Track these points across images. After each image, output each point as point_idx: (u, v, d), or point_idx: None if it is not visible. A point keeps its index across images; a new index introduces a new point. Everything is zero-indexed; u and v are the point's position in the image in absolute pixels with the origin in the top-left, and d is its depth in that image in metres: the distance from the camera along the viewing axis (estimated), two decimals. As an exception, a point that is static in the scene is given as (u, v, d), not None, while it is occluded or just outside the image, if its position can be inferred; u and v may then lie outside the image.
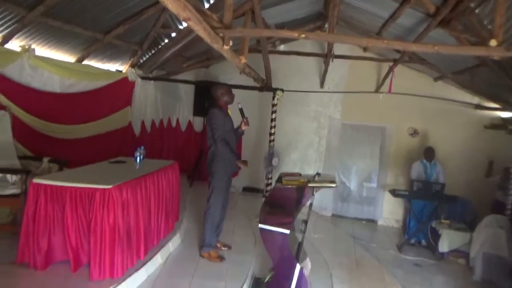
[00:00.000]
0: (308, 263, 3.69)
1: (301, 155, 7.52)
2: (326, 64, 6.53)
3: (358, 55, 6.85)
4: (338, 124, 7.44)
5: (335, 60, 6.71)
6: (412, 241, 6.11)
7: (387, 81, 6.51)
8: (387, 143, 7.27)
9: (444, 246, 5.49)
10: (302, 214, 3.60)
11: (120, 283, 3.06)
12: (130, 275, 3.20)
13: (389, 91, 6.37)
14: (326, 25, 5.81)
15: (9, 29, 4.22)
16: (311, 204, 3.63)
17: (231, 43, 3.40)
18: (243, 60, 4.01)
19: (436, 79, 6.80)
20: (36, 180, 3.13)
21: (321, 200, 7.48)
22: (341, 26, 6.02)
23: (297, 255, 3.47)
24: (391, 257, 5.50)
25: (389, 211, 7.23)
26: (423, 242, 6.05)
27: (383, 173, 7.32)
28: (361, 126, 7.46)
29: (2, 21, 4.08)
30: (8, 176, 3.81)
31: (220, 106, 4.08)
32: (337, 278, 4.33)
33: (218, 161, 3.94)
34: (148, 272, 3.48)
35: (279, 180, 3.42)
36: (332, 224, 6.77)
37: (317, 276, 4.19)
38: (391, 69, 6.27)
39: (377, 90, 7.00)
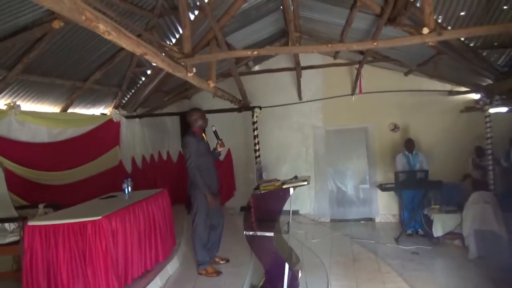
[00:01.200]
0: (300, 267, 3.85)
1: (291, 167, 7.71)
2: (298, 76, 6.85)
3: (329, 62, 7.20)
4: (322, 131, 7.70)
5: (309, 70, 7.06)
6: (409, 231, 6.25)
7: (359, 82, 6.82)
8: (371, 142, 7.51)
9: (438, 230, 5.63)
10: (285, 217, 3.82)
11: (121, 307, 3.23)
12: (130, 299, 3.38)
13: (360, 92, 6.66)
14: (290, 41, 6.15)
15: (-7, 90, 4.53)
16: (298, 212, 3.84)
17: (194, 70, 3.70)
18: (212, 84, 4.31)
19: (406, 74, 7.10)
20: (31, 223, 3.35)
21: (319, 207, 7.66)
22: (305, 40, 6.37)
23: (288, 259, 3.65)
24: (389, 249, 5.62)
25: (385, 208, 7.38)
26: (420, 231, 6.18)
27: (372, 171, 7.52)
28: (344, 130, 7.71)
29: (-14, 83, 4.40)
30: (7, 225, 4.03)
31: (194, 132, 4.33)
32: (334, 275, 4.47)
33: (195, 186, 4.16)
34: (149, 295, 3.65)
35: (257, 187, 3.65)
36: (330, 229, 6.91)
37: (314, 276, 4.35)
38: (358, 71, 6.59)
39: (352, 93, 7.29)
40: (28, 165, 4.94)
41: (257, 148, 6.65)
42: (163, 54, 3.35)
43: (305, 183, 3.51)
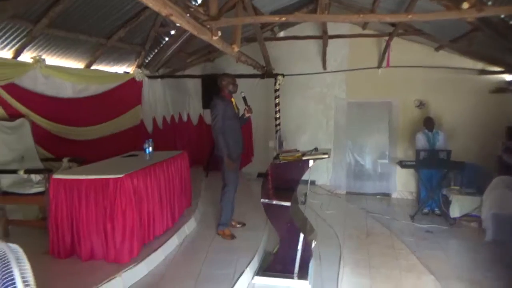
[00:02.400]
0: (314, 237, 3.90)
1: (311, 137, 7.68)
2: (325, 45, 6.66)
3: (357, 33, 6.95)
4: (344, 103, 7.56)
5: (335, 40, 6.85)
6: (425, 210, 6.22)
7: (387, 54, 6.59)
8: (394, 118, 7.35)
9: (455, 211, 5.59)
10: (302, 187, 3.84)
11: (139, 262, 3.38)
12: (148, 255, 3.51)
13: (387, 65, 6.45)
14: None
15: (19, 43, 4.56)
16: (309, 176, 3.84)
17: (219, 34, 3.62)
18: (236, 49, 4.23)
19: (437, 49, 6.81)
20: (56, 176, 3.48)
21: (335, 179, 7.67)
22: (335, 7, 6.12)
23: (302, 227, 3.69)
24: (403, 226, 5.63)
25: (403, 184, 7.34)
26: (437, 210, 6.14)
27: (393, 147, 7.42)
28: (367, 103, 7.56)
29: (13, 36, 4.42)
30: (33, 176, 4.18)
31: (223, 96, 4.37)
32: (347, 248, 4.52)
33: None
34: (166, 252, 3.80)
35: (277, 157, 3.65)
36: (345, 201, 6.94)
37: (327, 248, 4.42)
38: (387, 44, 6.35)
39: (379, 66, 7.07)
40: (53, 119, 5.05)
41: (278, 116, 6.61)
42: (188, 15, 3.28)
43: (326, 156, 3.49)
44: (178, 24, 3.01)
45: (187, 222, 4.45)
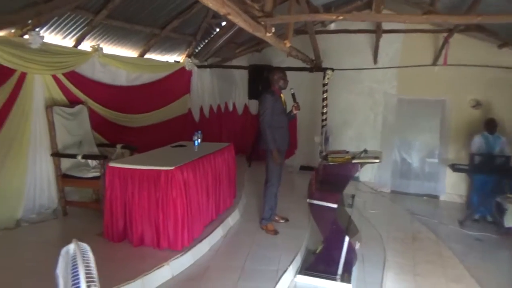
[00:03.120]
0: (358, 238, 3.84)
1: (357, 133, 7.50)
2: (377, 40, 6.41)
3: (412, 27, 6.61)
4: (394, 99, 7.29)
5: (388, 34, 6.57)
6: (476, 216, 5.91)
7: (444, 52, 6.24)
8: (447, 117, 6.99)
9: (510, 220, 5.26)
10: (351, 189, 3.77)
11: (186, 252, 3.49)
12: (195, 246, 3.63)
13: (444, 63, 6.11)
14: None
15: (80, 32, 4.76)
16: (358, 178, 3.76)
17: (273, 30, 3.58)
18: (288, 44, 4.17)
19: (500, 46, 6.34)
20: (112, 164, 3.65)
21: (380, 177, 7.46)
22: (390, 1, 5.85)
23: (347, 229, 3.65)
24: (451, 232, 5.39)
25: (452, 186, 7.00)
26: (489, 217, 5.82)
27: (444, 147, 7.08)
28: (418, 100, 7.22)
29: (75, 25, 4.62)
30: (90, 161, 4.41)
31: (273, 90, 4.36)
32: (391, 251, 4.41)
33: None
34: (211, 243, 3.90)
35: (325, 158, 3.60)
36: (390, 201, 6.75)
37: (371, 250, 4.33)
38: (445, 40, 6.00)
39: (434, 63, 6.73)
40: (108, 106, 5.28)
41: (325, 111, 6.50)
42: (244, 12, 3.26)
43: (377, 160, 3.39)
44: (235, 23, 3.00)
45: (231, 214, 4.53)
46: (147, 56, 6.02)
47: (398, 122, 7.35)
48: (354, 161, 3.39)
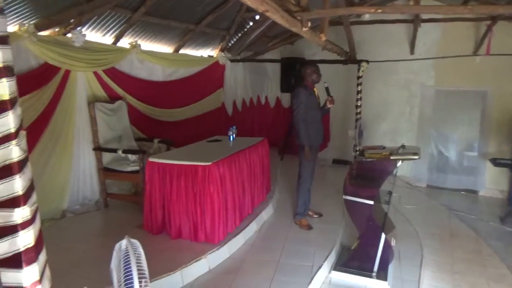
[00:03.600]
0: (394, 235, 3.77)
1: (392, 126, 7.31)
2: (415, 30, 6.18)
3: (452, 16, 6.32)
4: (432, 91, 7.02)
5: (428, 23, 6.31)
6: (518, 213, 5.66)
7: (487, 41, 5.93)
8: (488, 109, 6.66)
9: (555, 218, 5.01)
10: (387, 185, 3.69)
11: (222, 246, 3.56)
12: (230, 239, 3.68)
13: (487, 53, 5.81)
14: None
15: (119, 29, 4.88)
16: (396, 174, 3.68)
17: (309, 25, 3.53)
18: (323, 38, 4.10)
19: (549, 33, 5.97)
20: (151, 159, 3.75)
21: (416, 171, 7.26)
22: (430, -12, 5.63)
23: (383, 226, 3.58)
24: (491, 229, 5.18)
25: (493, 181, 6.70)
26: (532, 214, 5.56)
27: (484, 140, 6.77)
28: (457, 91, 6.93)
29: (114, 23, 4.74)
30: (129, 155, 4.55)
31: (306, 84, 4.31)
32: (428, 248, 4.30)
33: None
34: (246, 237, 3.94)
35: (362, 153, 3.54)
36: (426, 195, 6.56)
37: (407, 246, 4.24)
38: (488, 28, 5.69)
39: (475, 52, 6.41)
40: (145, 101, 5.41)
41: (359, 104, 6.37)
42: (281, 7, 3.23)
43: (416, 157, 3.30)
44: (273, 19, 2.98)
45: (265, 208, 4.56)
46: (181, 51, 6.10)
47: (435, 115, 7.10)
48: (392, 157, 3.31)
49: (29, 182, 1.27)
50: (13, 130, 1.22)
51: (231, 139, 4.45)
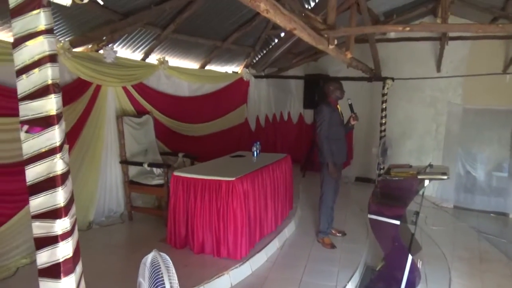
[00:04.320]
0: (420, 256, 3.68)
1: (417, 144, 7.19)
2: (442, 48, 6.13)
3: (481, 34, 6.24)
4: (459, 109, 6.90)
5: (456, 41, 6.25)
6: (553, 237, 5.43)
7: (517, 59, 5.82)
8: (519, 128, 6.50)
9: None
10: (414, 205, 3.62)
11: (244, 262, 3.55)
12: (252, 256, 3.67)
13: (518, 71, 5.70)
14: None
15: (148, 46, 5.05)
16: (423, 194, 3.61)
17: (336, 42, 3.56)
18: (349, 56, 4.13)
19: None
20: (176, 173, 3.81)
21: (442, 191, 7.09)
22: (457, 5, 5.58)
23: (410, 247, 3.50)
24: (524, 254, 4.99)
25: (524, 204, 6.48)
26: None
27: (514, 160, 6.58)
28: (486, 110, 6.77)
29: (144, 40, 4.91)
30: (154, 169, 4.64)
31: (329, 101, 4.31)
32: (456, 272, 4.17)
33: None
34: (268, 254, 3.92)
35: (388, 172, 3.50)
36: (453, 217, 6.38)
37: (434, 269, 4.13)
38: (520, 46, 5.59)
39: (505, 70, 6.29)
40: (171, 116, 5.53)
41: (384, 121, 6.31)
42: (307, 25, 3.28)
43: (445, 177, 3.22)
44: (300, 37, 3.03)
45: (287, 225, 4.53)
46: (207, 67, 6.24)
47: (462, 133, 6.95)
48: (419, 176, 3.26)
49: (70, 195, 1.33)
50: (58, 144, 1.28)
51: (255, 155, 4.48)
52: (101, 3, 1.89)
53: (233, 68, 6.93)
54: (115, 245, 3.98)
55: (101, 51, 4.38)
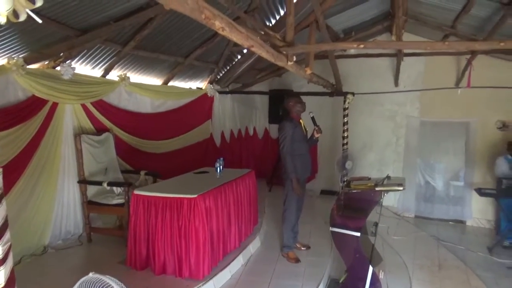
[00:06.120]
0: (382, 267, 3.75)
1: (378, 156, 7.41)
2: (398, 63, 6.40)
3: (434, 50, 6.57)
4: (417, 122, 7.18)
5: (411, 57, 6.54)
6: (506, 243, 5.65)
7: (467, 74, 6.15)
8: (472, 139, 6.81)
9: (542, 248, 5.04)
10: (374, 215, 3.70)
11: (207, 281, 3.48)
12: (216, 274, 3.61)
13: (468, 85, 6.02)
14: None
15: (108, 62, 4.95)
16: (381, 205, 3.70)
17: (294, 59, 3.64)
18: (309, 71, 4.22)
19: (526, 67, 6.22)
20: (136, 192, 3.71)
21: (403, 201, 7.29)
22: (411, 24, 5.87)
23: (370, 258, 3.56)
24: (480, 259, 5.17)
25: (479, 211, 6.75)
26: (520, 244, 5.58)
27: (469, 170, 6.87)
28: (442, 122, 7.09)
29: (104, 56, 4.82)
30: (114, 188, 4.51)
31: (292, 117, 4.36)
32: (417, 280, 4.27)
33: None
34: (232, 271, 3.87)
35: (348, 184, 3.57)
36: (414, 226, 6.56)
37: (395, 278, 4.21)
38: (468, 62, 5.92)
39: (457, 85, 6.63)
40: (133, 133, 5.42)
41: (346, 135, 6.46)
42: (267, 42, 3.34)
43: (401, 188, 3.33)
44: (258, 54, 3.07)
45: (252, 241, 4.50)
46: (170, 83, 6.19)
47: (421, 145, 7.23)
48: (377, 188, 3.34)
49: (2, 220, 1.26)
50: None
51: (218, 171, 4.45)
52: (39, 21, 1.82)
53: (197, 84, 6.92)
54: (71, 269, 3.79)
55: (58, 68, 4.25)
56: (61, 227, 4.40)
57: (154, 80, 5.99)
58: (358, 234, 3.40)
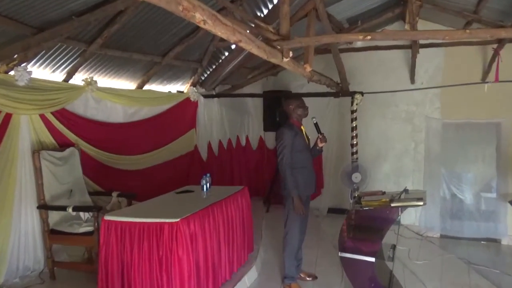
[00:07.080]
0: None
1: (394, 166, 7.44)
2: (414, 56, 6.47)
3: (456, 40, 6.65)
4: (438, 124, 7.24)
5: (428, 48, 6.62)
6: (549, 264, 5.71)
7: (494, 66, 6.24)
8: (504, 142, 6.86)
9: None
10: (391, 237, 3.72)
11: (195, 320, 3.46)
12: (205, 312, 3.59)
13: (496, 79, 6.10)
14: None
15: (72, 64, 4.98)
16: (399, 224, 3.72)
17: (291, 54, 3.67)
18: (308, 69, 4.26)
19: None
20: (107, 217, 3.70)
21: (426, 218, 7.31)
22: (427, 10, 5.95)
23: (389, 286, 3.57)
24: (519, 285, 5.21)
25: (516, 227, 6.81)
26: None
27: (503, 179, 6.91)
28: (467, 124, 7.15)
29: (65, 58, 4.84)
30: (81, 213, 4.49)
31: (291, 123, 4.36)
32: (445, 313, 4.28)
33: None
34: (224, 309, 3.85)
35: (358, 201, 3.59)
36: (440, 247, 6.58)
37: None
38: (495, 52, 6.00)
39: (483, 79, 6.72)
40: (102, 147, 5.43)
41: (355, 142, 6.50)
42: (258, 36, 3.38)
43: (421, 203, 3.35)
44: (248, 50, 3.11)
45: (247, 271, 4.50)
46: (146, 87, 6.22)
47: (444, 151, 7.27)
48: (392, 204, 3.36)
49: None
50: None
51: (205, 189, 4.45)
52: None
53: (178, 87, 6.95)
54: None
55: (11, 73, 4.26)
56: (19, 262, 4.35)
57: (126, 84, 6.02)
58: (373, 259, 3.41)
